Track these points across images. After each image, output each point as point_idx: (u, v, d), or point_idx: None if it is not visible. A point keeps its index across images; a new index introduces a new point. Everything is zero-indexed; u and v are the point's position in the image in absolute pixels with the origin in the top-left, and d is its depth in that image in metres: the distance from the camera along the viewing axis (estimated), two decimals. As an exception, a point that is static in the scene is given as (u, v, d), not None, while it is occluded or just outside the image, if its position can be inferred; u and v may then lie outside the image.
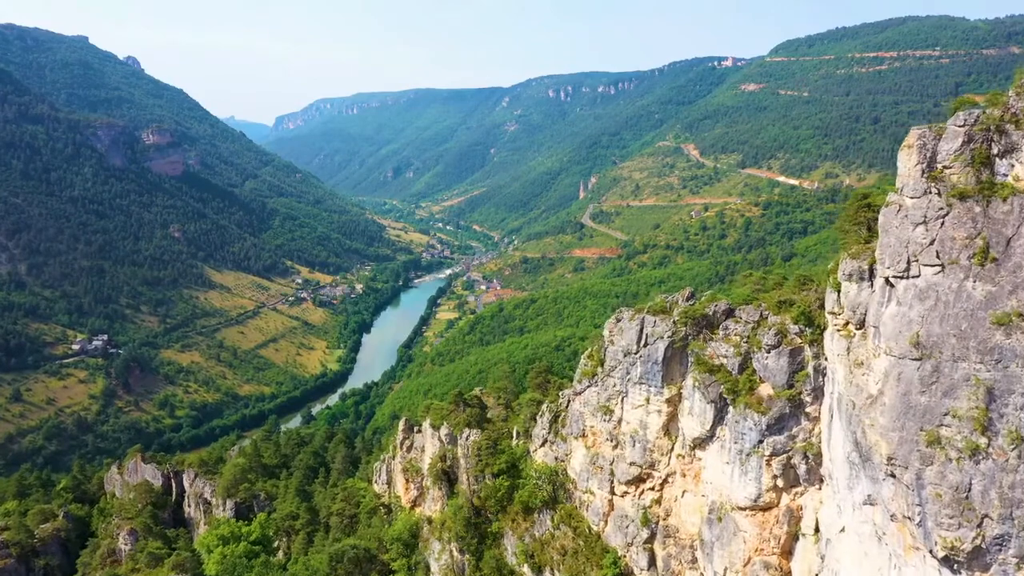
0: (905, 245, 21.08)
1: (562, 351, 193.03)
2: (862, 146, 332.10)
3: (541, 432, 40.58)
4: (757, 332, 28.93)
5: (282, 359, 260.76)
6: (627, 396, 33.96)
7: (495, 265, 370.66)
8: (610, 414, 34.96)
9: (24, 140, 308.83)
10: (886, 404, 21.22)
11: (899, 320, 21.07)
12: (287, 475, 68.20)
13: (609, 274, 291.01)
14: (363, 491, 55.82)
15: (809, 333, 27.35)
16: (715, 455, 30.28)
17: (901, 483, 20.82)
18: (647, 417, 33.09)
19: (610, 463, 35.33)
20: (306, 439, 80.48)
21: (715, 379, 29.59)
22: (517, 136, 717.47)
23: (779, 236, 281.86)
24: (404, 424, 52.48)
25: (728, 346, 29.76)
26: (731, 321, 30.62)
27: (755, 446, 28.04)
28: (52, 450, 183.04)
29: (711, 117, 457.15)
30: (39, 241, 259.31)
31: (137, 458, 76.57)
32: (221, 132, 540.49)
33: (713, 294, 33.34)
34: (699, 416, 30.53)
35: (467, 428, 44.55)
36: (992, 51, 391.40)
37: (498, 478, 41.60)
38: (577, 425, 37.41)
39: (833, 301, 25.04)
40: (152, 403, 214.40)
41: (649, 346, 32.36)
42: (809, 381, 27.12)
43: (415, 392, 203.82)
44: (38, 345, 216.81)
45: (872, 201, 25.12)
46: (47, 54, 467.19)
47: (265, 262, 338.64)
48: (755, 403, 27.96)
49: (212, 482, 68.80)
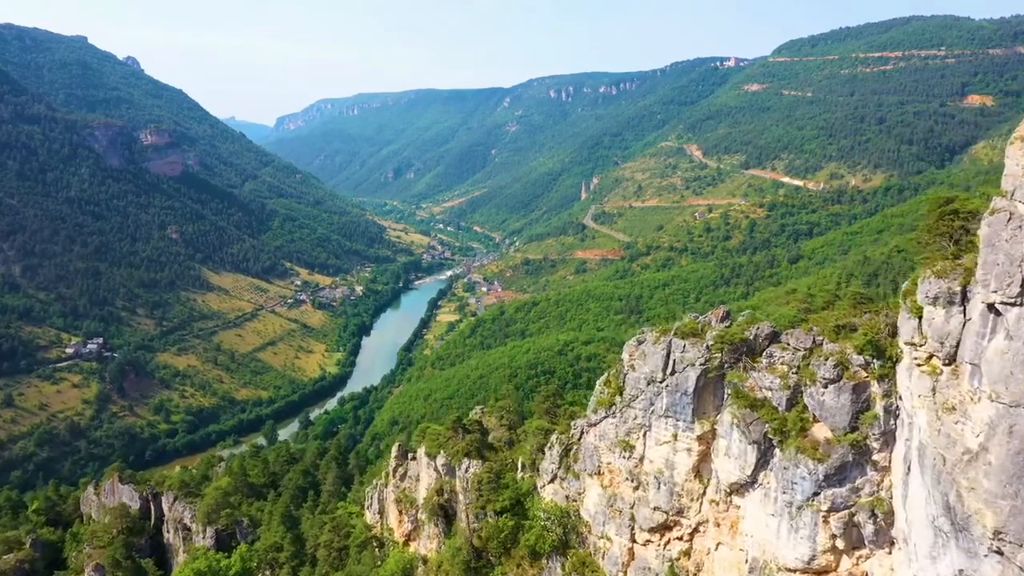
0: (1019, 264, 16.67)
1: (564, 355, 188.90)
2: (867, 147, 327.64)
3: (550, 467, 36.01)
4: (810, 362, 24.44)
5: (280, 362, 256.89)
6: (650, 431, 29.53)
7: (496, 267, 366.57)
8: (630, 450, 30.52)
9: (20, 140, 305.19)
10: (992, 464, 16.87)
11: (1011, 358, 16.68)
12: (275, 496, 63.61)
13: (612, 276, 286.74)
14: (354, 519, 51.36)
15: (877, 366, 22.84)
16: (757, 504, 25.84)
17: (1013, 564, 16.50)
18: (674, 456, 28.65)
19: (630, 506, 30.88)
20: (297, 455, 75.87)
21: (758, 416, 25.14)
22: (518, 137, 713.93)
23: (784, 238, 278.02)
24: (397, 450, 47.95)
25: (774, 377, 25.29)
26: (776, 347, 26.07)
27: (809, 498, 23.63)
28: (44, 457, 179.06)
29: (714, 117, 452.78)
30: (34, 243, 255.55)
31: (114, 478, 71.44)
32: (221, 132, 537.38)
33: (753, 314, 28.64)
34: (738, 458, 26.11)
35: (466, 458, 39.96)
36: (999, 51, 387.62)
37: (501, 517, 37.07)
38: (592, 461, 32.92)
39: (912, 329, 20.57)
40: (147, 408, 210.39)
41: (677, 374, 27.91)
42: (877, 424, 22.66)
43: (414, 397, 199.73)
44: (31, 349, 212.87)
45: (959, 207, 20.58)
46: (45, 54, 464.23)
47: (264, 264, 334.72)
48: (809, 447, 23.55)
49: (192, 506, 63.99)
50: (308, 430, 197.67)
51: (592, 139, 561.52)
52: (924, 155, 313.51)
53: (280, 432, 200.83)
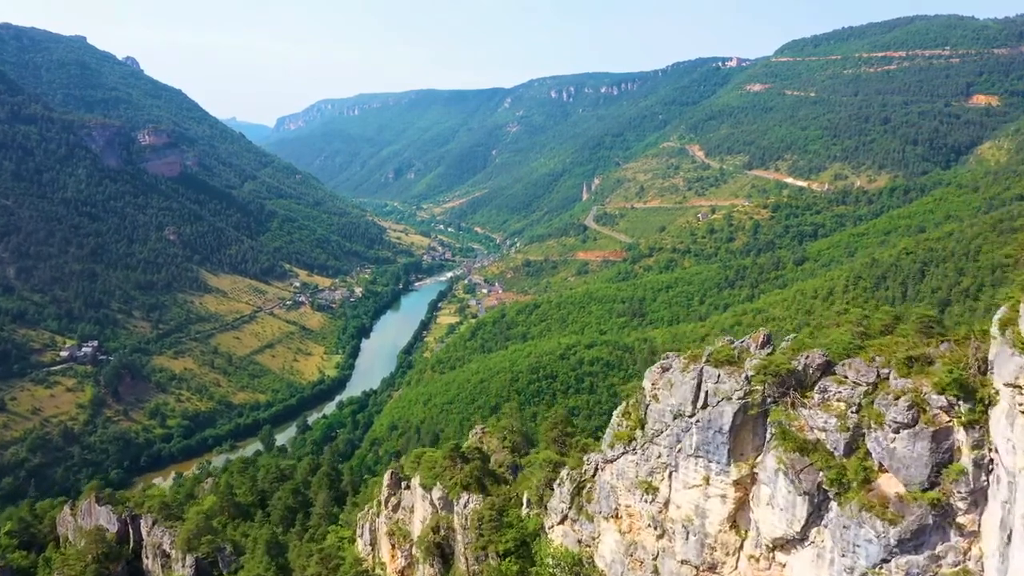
0: None
1: (567, 360, 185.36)
2: (872, 147, 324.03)
3: (560, 505, 32.04)
4: (874, 400, 20.55)
5: (278, 365, 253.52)
6: (677, 472, 25.64)
7: (497, 268, 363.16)
8: (653, 493, 26.61)
9: (16, 141, 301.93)
10: None
11: None
12: (263, 516, 59.78)
13: (614, 278, 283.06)
14: (344, 547, 47.56)
15: (965, 410, 18.94)
16: (807, 565, 21.98)
17: None
18: (706, 502, 24.78)
19: (653, 557, 26.96)
20: (287, 472, 71.75)
21: (810, 462, 21.29)
22: (519, 137, 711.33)
23: (789, 239, 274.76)
24: (389, 478, 43.93)
25: (829, 416, 21.39)
26: (831, 381, 22.14)
27: (877, 565, 19.72)
28: (36, 463, 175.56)
29: (716, 118, 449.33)
30: (29, 244, 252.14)
31: (91, 498, 67.05)
32: (220, 133, 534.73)
33: (800, 339, 24.48)
34: (785, 510, 22.23)
35: (465, 491, 36.08)
36: (1004, 50, 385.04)
37: (505, 560, 33.13)
38: (608, 502, 29.01)
39: (1017, 368, 16.69)
40: (143, 412, 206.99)
41: (710, 408, 24.04)
42: (964, 480, 18.73)
43: (414, 402, 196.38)
44: (25, 352, 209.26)
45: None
46: (43, 54, 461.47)
47: (263, 265, 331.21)
48: (876, 504, 19.68)
49: (172, 530, 59.76)
50: (306, 435, 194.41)
51: (593, 139, 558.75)
52: (929, 155, 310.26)
53: (278, 437, 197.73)
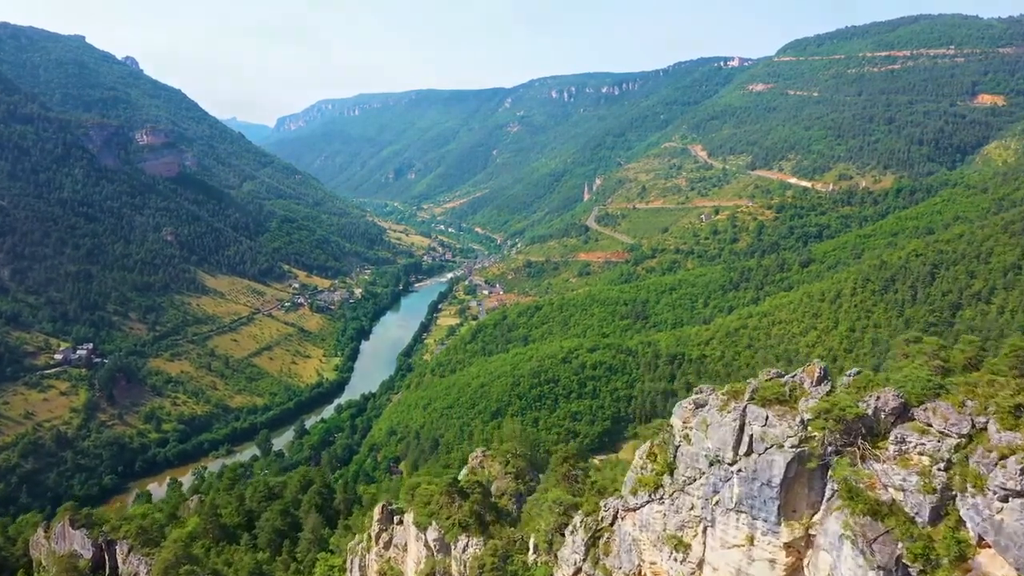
0: None
1: (569, 363, 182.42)
2: (876, 147, 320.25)
3: (572, 556, 27.97)
4: (968, 455, 16.64)
5: (276, 368, 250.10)
6: (714, 528, 21.67)
7: (498, 269, 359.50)
8: (685, 551, 22.58)
9: (12, 140, 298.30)
10: None
11: None
12: (249, 539, 56.08)
13: (616, 279, 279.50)
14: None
15: (1099, 478, 15.27)
16: (879, 652, 18.26)
17: None
18: (750, 566, 20.77)
19: (684, 626, 23.22)
20: (276, 490, 67.68)
21: (886, 529, 17.43)
22: (520, 137, 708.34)
23: (794, 240, 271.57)
24: (380, 512, 39.90)
25: (909, 473, 17.50)
26: (910, 429, 18.06)
27: (975, 665, 16.14)
28: (28, 468, 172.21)
29: (718, 118, 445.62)
30: (24, 245, 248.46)
31: (65, 520, 62.88)
32: (219, 133, 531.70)
33: (867, 375, 20.34)
34: (851, 584, 18.49)
35: (464, 533, 32.22)
36: (1009, 49, 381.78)
37: (509, 613, 29.59)
38: (629, 557, 25.00)
39: None
40: (138, 416, 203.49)
41: (756, 456, 20.09)
42: (1098, 567, 15.17)
43: (413, 406, 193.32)
44: (18, 355, 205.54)
45: None
46: (42, 53, 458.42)
47: (261, 266, 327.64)
48: (975, 589, 16.01)
49: (149, 558, 55.95)
50: (303, 440, 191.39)
51: (594, 139, 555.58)
52: (935, 155, 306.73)
53: (275, 441, 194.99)
